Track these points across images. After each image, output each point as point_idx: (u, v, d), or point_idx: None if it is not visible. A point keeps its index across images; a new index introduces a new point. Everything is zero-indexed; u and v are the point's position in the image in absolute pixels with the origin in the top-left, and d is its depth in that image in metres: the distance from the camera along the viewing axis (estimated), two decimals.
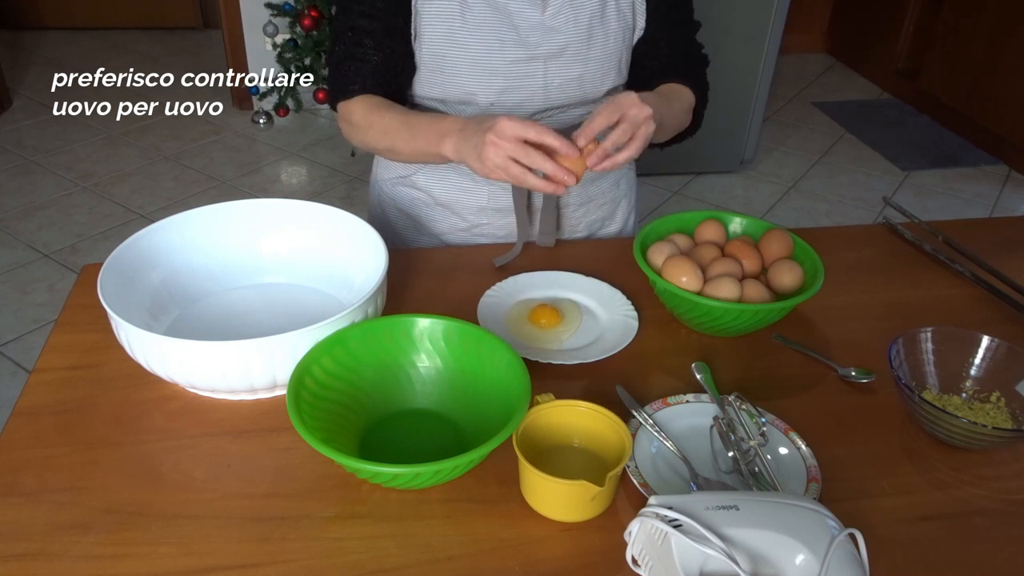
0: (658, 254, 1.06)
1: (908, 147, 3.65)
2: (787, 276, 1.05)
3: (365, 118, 1.13)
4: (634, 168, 1.39)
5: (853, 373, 0.99)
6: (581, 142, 0.96)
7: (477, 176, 1.20)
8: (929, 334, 0.96)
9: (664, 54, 1.20)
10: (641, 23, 1.17)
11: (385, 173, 1.34)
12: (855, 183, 3.38)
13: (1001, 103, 3.48)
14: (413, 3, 1.10)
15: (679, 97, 1.20)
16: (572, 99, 1.17)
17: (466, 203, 1.26)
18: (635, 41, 1.19)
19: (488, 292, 1.10)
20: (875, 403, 0.96)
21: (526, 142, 0.94)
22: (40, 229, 2.83)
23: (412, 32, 1.13)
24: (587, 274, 1.14)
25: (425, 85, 1.17)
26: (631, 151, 0.97)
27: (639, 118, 0.96)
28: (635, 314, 1.06)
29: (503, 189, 1.23)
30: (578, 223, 1.32)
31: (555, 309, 1.07)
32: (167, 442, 0.86)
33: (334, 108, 1.19)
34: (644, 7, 1.17)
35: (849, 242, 1.29)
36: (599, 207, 1.33)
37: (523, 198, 1.21)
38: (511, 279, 1.13)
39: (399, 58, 1.14)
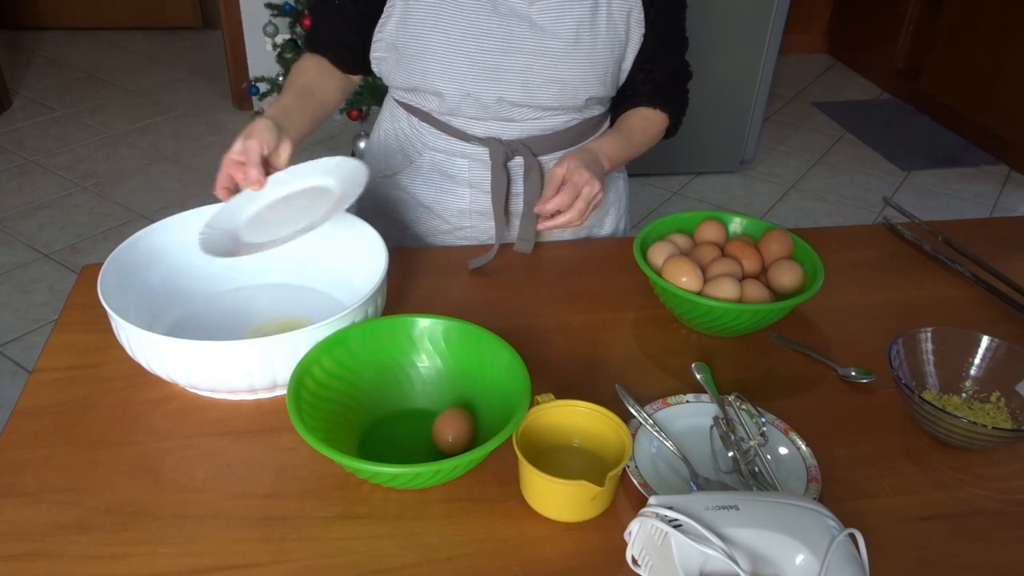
0: (658, 254, 1.06)
1: (908, 147, 3.65)
2: (787, 276, 1.05)
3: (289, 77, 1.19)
4: (625, 178, 1.39)
5: (853, 373, 0.99)
6: (536, 210, 1.09)
7: (459, 179, 1.22)
8: (929, 334, 0.96)
9: (655, 80, 1.22)
10: (635, 40, 1.16)
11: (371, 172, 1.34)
12: (855, 183, 3.38)
13: (1001, 103, 3.48)
14: None
15: (647, 129, 1.25)
16: (554, 103, 1.16)
17: (448, 205, 1.25)
18: (628, 58, 1.18)
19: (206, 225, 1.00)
20: (875, 403, 0.96)
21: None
22: (40, 229, 2.83)
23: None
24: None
25: (396, 75, 1.17)
26: (572, 215, 1.08)
27: (590, 195, 1.08)
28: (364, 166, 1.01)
29: (484, 192, 1.22)
30: (562, 231, 1.30)
31: None
32: (167, 442, 0.86)
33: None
34: (640, 29, 1.16)
35: (849, 242, 1.29)
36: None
37: (501, 201, 1.21)
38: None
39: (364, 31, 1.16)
